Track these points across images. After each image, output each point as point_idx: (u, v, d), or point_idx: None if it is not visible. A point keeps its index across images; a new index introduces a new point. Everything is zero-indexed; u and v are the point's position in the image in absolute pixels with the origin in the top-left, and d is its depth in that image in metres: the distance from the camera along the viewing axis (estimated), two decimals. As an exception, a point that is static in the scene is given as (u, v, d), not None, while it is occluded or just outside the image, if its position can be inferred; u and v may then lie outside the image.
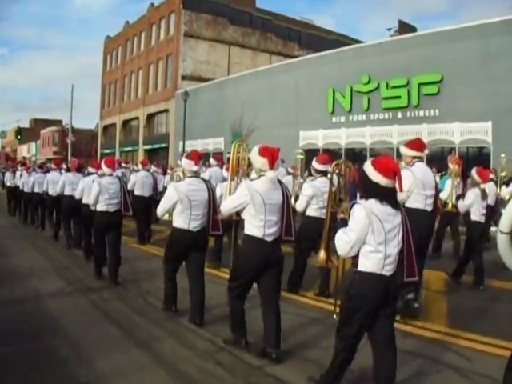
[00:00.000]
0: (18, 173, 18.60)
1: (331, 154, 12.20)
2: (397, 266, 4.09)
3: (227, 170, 9.52)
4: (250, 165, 6.65)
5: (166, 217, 6.45)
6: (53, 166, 15.03)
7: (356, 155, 26.25)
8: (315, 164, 7.76)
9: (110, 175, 8.55)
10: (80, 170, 12.47)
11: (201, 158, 6.47)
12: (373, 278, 3.98)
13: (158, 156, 40.51)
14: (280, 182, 5.29)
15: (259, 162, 5.06)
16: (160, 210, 6.32)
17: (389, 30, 47.21)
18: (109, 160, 8.90)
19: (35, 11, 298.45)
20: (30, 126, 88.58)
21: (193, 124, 35.12)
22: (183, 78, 41.99)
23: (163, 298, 6.69)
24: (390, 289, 4.03)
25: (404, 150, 6.83)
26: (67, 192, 11.59)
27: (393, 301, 4.15)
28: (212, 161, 14.21)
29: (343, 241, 4.00)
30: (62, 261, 10.65)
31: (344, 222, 4.17)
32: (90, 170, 10.70)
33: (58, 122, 78.02)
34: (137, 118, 48.62)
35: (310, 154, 22.08)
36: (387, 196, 4.04)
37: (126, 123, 51.82)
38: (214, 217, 6.35)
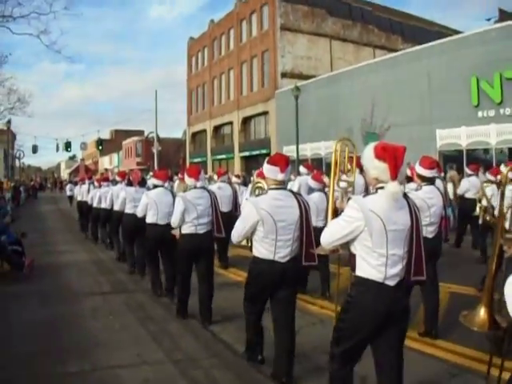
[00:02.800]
0: (83, 186, 17.72)
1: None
2: None
3: (315, 179, 8.91)
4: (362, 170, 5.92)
5: (244, 242, 5.15)
6: (117, 177, 13.19)
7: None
8: (420, 169, 6.31)
9: (195, 187, 7.09)
10: (144, 183, 11.02)
11: (288, 163, 4.90)
12: None
13: (257, 163, 36.39)
14: (406, 195, 3.73)
15: (376, 167, 3.56)
16: (235, 234, 4.88)
17: (488, 20, 42.65)
18: (191, 169, 7.42)
19: (110, 28, 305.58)
20: (110, 137, 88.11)
21: (299, 126, 31.19)
22: (283, 75, 37.98)
23: (245, 344, 5.44)
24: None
25: None
26: (128, 210, 10.26)
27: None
28: (302, 169, 12.65)
29: None
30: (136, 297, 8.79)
31: None
32: (155, 181, 8.90)
33: (139, 133, 77.46)
34: (230, 123, 45.04)
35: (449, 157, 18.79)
36: None
37: (217, 129, 48.37)
38: (308, 246, 4.81)
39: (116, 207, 11.47)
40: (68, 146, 47.63)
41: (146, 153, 64.16)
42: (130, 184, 11.17)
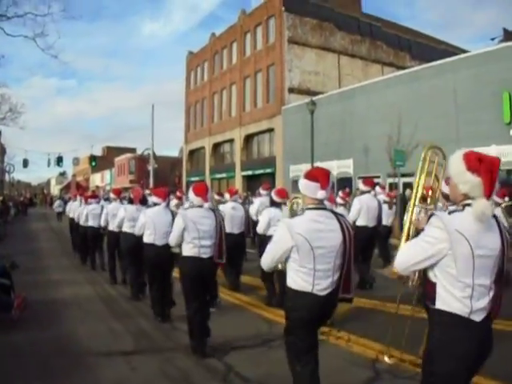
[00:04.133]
0: (74, 203, 16.88)
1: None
2: None
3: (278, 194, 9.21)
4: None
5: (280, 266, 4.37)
6: (112, 195, 12.51)
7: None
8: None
9: (200, 206, 6.56)
10: (145, 201, 10.38)
11: (329, 178, 4.23)
12: None
13: (259, 183, 34.14)
14: (495, 217, 3.19)
15: (467, 182, 3.08)
16: (267, 260, 4.25)
17: (493, 39, 41.66)
18: (199, 187, 6.66)
19: (101, 44, 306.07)
20: (102, 153, 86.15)
21: (308, 144, 29.13)
22: (290, 90, 35.91)
23: None
24: None
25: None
26: (127, 228, 9.83)
27: None
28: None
29: None
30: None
31: None
32: (154, 199, 8.48)
33: (132, 150, 76.30)
34: (231, 141, 42.87)
35: None
36: None
37: (217, 146, 46.12)
38: (347, 275, 4.22)
39: (111, 227, 10.99)
40: (60, 160, 46.22)
41: (140, 170, 62.84)
42: (130, 202, 10.55)
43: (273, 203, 9.12)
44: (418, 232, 3.55)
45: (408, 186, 22.03)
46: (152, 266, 8.05)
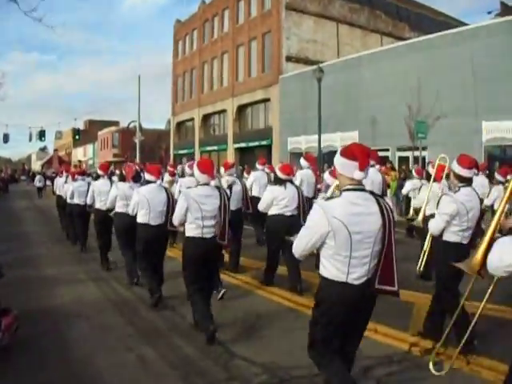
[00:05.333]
0: (60, 180, 16.10)
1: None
2: None
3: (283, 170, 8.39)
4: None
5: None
6: (99, 171, 11.55)
7: None
8: (458, 168, 5.66)
9: (207, 184, 6.24)
10: (139, 178, 9.57)
11: (369, 156, 3.87)
12: None
13: (253, 156, 32.51)
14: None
15: None
16: (299, 247, 3.94)
17: (489, 13, 40.48)
18: (205, 163, 6.36)
19: (82, 17, 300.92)
20: (84, 127, 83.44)
21: (308, 115, 27.73)
22: (288, 59, 34.08)
23: None
24: None
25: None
26: (120, 208, 9.04)
27: None
28: (303, 161, 11.95)
29: None
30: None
31: None
32: (148, 177, 7.92)
33: (115, 123, 74.90)
34: (223, 111, 41.01)
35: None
36: None
37: (207, 118, 44.20)
38: (388, 265, 3.90)
39: (98, 205, 10.32)
40: (42, 134, 44.18)
41: (123, 144, 60.97)
42: (122, 179, 9.62)
43: (277, 180, 8.45)
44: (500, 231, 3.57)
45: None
46: (146, 247, 7.61)
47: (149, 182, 7.89)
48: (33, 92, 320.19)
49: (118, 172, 12.99)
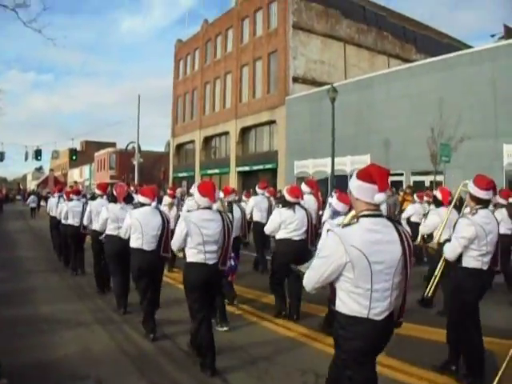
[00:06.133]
0: (52, 200, 15.62)
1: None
2: None
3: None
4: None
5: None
6: (97, 191, 11.14)
7: None
8: (474, 189, 5.51)
9: (208, 208, 6.02)
10: (130, 199, 9.06)
11: (387, 178, 3.61)
12: None
13: (256, 180, 31.02)
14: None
15: None
16: (311, 280, 3.58)
17: (492, 36, 40.11)
18: (206, 186, 6.04)
19: (80, 38, 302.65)
20: (81, 148, 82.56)
21: (317, 138, 26.51)
22: (295, 80, 32.80)
23: None
24: None
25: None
26: (111, 231, 8.61)
27: None
28: (304, 187, 10.82)
29: None
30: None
31: None
32: (142, 199, 7.37)
33: (111, 145, 74.13)
34: (225, 134, 39.65)
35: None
36: None
37: (208, 140, 42.84)
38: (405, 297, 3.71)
39: (96, 226, 9.59)
40: (38, 154, 43.02)
41: (121, 166, 60.29)
42: (113, 200, 9.12)
43: (285, 203, 8.13)
44: None
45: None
46: (140, 274, 7.10)
47: (143, 204, 7.35)
48: (29, 111, 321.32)
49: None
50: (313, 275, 3.50)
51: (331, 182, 21.59)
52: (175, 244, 5.85)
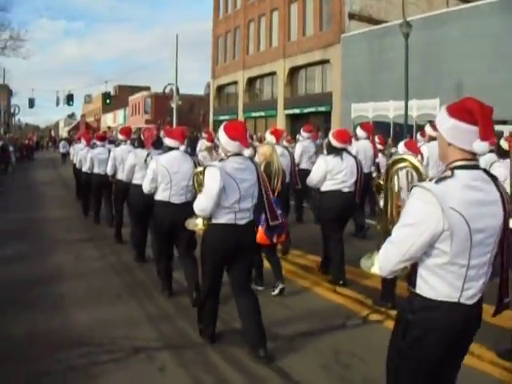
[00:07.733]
0: (77, 146, 15.15)
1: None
2: None
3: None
4: None
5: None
6: (120, 136, 10.25)
7: None
8: None
9: (239, 154, 4.81)
10: (160, 144, 7.96)
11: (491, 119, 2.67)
12: None
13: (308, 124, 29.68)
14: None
15: None
16: (393, 257, 2.73)
17: None
18: (234, 127, 4.91)
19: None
20: (114, 93, 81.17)
21: (377, 79, 24.64)
22: (351, 16, 30.80)
23: None
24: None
25: None
26: (138, 180, 7.76)
27: None
28: (360, 132, 10.78)
29: None
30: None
31: None
32: (169, 142, 6.45)
33: (146, 89, 72.94)
34: (272, 74, 37.97)
35: None
36: None
37: (252, 81, 41.34)
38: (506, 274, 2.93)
39: (120, 175, 9.21)
40: (70, 98, 41.94)
41: (156, 109, 59.60)
42: (141, 145, 8.35)
43: (331, 149, 7.21)
44: None
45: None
46: (167, 231, 6.31)
47: (171, 148, 6.43)
48: (61, 59, 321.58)
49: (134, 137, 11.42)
50: (394, 251, 2.64)
51: (404, 128, 19.93)
52: (208, 207, 4.63)
